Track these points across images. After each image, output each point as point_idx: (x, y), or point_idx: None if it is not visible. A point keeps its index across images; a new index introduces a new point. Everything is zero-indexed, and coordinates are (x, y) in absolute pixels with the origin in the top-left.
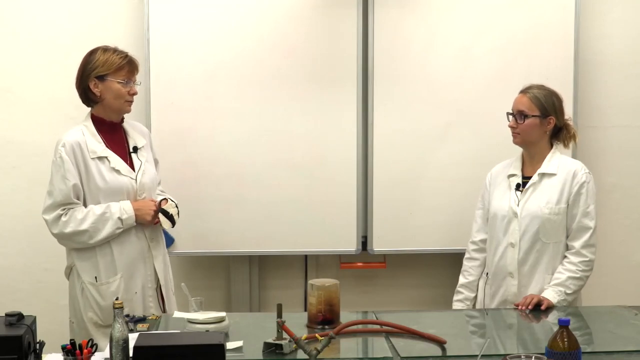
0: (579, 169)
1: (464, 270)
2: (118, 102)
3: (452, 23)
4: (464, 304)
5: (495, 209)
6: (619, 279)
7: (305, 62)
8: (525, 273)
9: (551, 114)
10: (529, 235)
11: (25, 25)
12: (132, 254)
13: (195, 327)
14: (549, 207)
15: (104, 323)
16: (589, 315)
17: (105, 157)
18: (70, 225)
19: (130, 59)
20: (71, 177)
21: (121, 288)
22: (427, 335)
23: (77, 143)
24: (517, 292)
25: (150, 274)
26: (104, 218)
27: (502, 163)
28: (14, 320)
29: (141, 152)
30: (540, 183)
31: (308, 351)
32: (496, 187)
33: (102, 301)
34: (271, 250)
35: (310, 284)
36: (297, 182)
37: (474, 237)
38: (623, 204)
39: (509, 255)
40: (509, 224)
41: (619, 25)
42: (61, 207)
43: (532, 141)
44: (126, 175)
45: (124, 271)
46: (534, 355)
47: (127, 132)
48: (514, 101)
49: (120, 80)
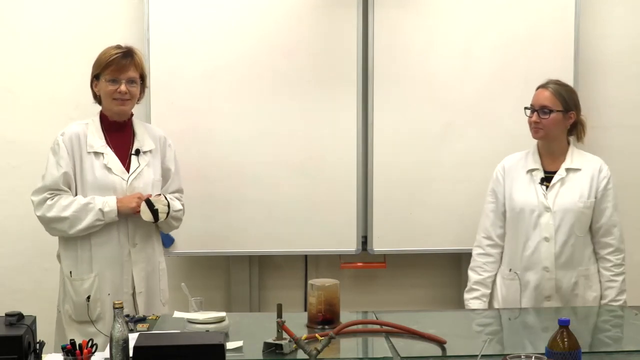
0: (603, 164)
1: (477, 267)
2: (107, 101)
3: (452, 23)
4: (481, 302)
5: (521, 204)
6: None
7: (305, 62)
8: (560, 266)
9: (572, 109)
10: (564, 229)
11: (25, 25)
12: (111, 255)
13: (195, 327)
14: (583, 201)
15: (76, 319)
16: (589, 315)
17: (101, 153)
18: (54, 210)
19: (121, 56)
20: (64, 164)
21: (94, 287)
22: (427, 335)
23: (77, 135)
24: (554, 286)
25: (128, 278)
26: (87, 208)
27: (512, 157)
28: (14, 320)
29: (144, 155)
30: (567, 177)
31: (308, 351)
32: (514, 181)
33: (75, 296)
34: (271, 250)
35: (310, 284)
36: (297, 182)
37: (489, 232)
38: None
39: (543, 250)
40: (540, 217)
41: (619, 25)
42: (49, 191)
43: (555, 136)
44: (117, 175)
45: (98, 271)
46: (534, 355)
47: (137, 133)
48: (536, 95)
49: (106, 79)
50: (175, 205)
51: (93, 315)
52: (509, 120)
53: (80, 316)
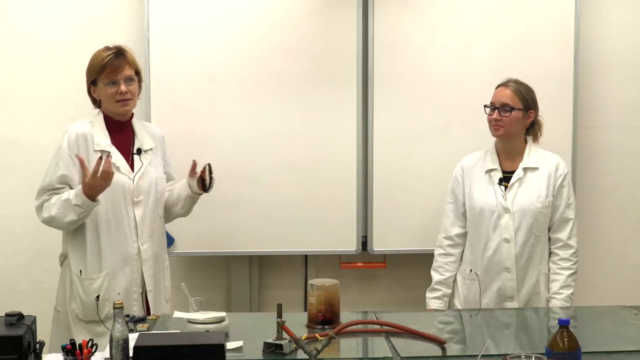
0: (560, 161)
1: (439, 267)
2: (110, 104)
3: (452, 22)
4: (442, 301)
5: (480, 205)
6: (619, 279)
7: (305, 61)
8: (521, 267)
9: (532, 108)
10: (523, 230)
11: (25, 25)
12: (120, 254)
13: (195, 327)
14: (540, 200)
15: (84, 318)
16: (589, 315)
17: (108, 152)
18: (47, 211)
19: (113, 57)
20: (62, 166)
21: (104, 286)
22: (427, 335)
23: (84, 134)
24: (514, 286)
25: (137, 277)
26: (67, 204)
27: (471, 156)
28: (14, 320)
29: (145, 154)
30: (525, 177)
31: (308, 351)
32: (474, 182)
33: (84, 296)
34: (271, 250)
35: (310, 284)
36: (297, 182)
37: (449, 231)
38: (623, 204)
39: (504, 250)
40: (499, 219)
41: (619, 25)
42: (47, 192)
43: (514, 134)
44: (124, 174)
45: (109, 270)
46: (534, 355)
47: (136, 132)
48: (496, 94)
49: (104, 83)
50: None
51: (102, 314)
52: None
53: (89, 316)
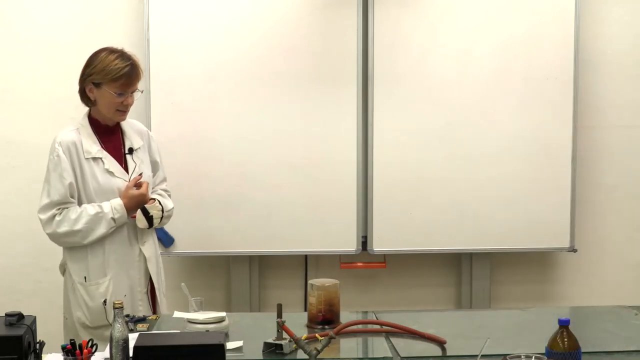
0: None
1: None
2: (109, 110)
3: (452, 23)
4: None
5: None
6: (619, 279)
7: (305, 61)
8: None
9: None
10: None
11: (25, 25)
12: (123, 256)
13: (195, 327)
14: None
15: (92, 324)
16: (589, 315)
17: (99, 158)
18: (64, 225)
19: (129, 70)
20: (67, 176)
21: (110, 290)
22: (427, 335)
23: (73, 142)
24: None
25: (141, 277)
26: (97, 218)
27: None
28: (14, 320)
29: (137, 153)
30: None
31: (308, 351)
32: None
33: (90, 302)
34: (271, 250)
35: (310, 284)
36: (297, 182)
37: None
38: (623, 204)
39: None
40: None
41: (619, 25)
42: (57, 206)
43: None
44: (119, 177)
45: (113, 273)
46: (534, 355)
47: (125, 132)
48: None
49: (114, 92)
50: (167, 205)
51: (111, 317)
52: (508, 120)
53: (97, 321)
